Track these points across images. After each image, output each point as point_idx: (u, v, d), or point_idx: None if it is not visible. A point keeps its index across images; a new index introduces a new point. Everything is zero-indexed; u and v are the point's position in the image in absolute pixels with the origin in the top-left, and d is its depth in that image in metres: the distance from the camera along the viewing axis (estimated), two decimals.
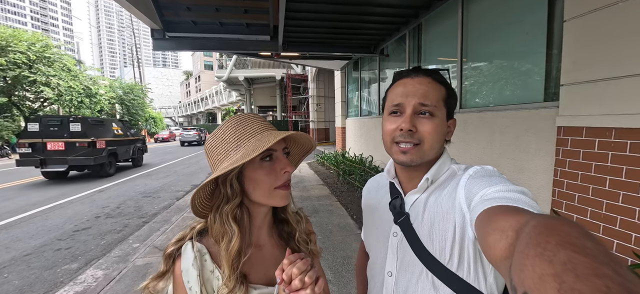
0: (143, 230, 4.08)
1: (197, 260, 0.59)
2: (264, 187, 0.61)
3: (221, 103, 42.67)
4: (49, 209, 5.27)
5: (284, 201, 0.63)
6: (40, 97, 18.10)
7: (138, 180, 8.12)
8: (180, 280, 0.59)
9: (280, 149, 0.63)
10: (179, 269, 0.59)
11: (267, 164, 0.61)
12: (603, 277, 0.20)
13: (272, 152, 0.61)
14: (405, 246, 0.65)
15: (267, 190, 0.61)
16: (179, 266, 0.60)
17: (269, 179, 0.60)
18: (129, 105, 26.94)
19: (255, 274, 0.64)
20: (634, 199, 1.77)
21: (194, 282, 0.58)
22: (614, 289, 0.19)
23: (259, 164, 0.60)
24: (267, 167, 0.61)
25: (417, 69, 0.66)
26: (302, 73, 18.75)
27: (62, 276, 2.96)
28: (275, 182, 0.61)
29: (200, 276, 0.58)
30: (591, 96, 1.99)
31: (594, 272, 0.21)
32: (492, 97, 3.37)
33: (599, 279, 0.20)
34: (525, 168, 2.68)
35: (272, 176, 0.61)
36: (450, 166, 0.66)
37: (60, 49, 18.95)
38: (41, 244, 3.75)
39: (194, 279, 0.58)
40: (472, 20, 3.62)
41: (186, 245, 0.61)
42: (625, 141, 1.80)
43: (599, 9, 1.92)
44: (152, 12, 4.21)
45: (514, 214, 0.39)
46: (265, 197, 0.62)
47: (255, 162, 0.60)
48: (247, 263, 0.63)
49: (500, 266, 0.35)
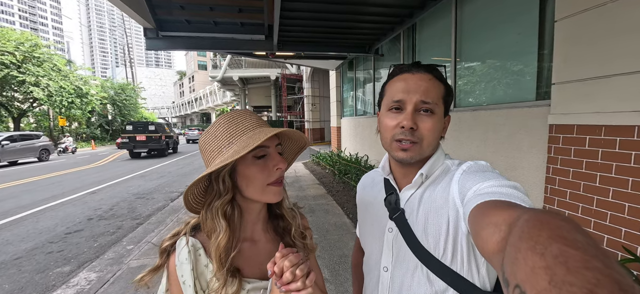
0: (137, 232, 4.03)
1: (191, 255, 0.60)
2: (257, 184, 0.61)
3: (215, 103, 42.35)
4: (39, 212, 5.18)
5: (276, 197, 0.63)
6: (30, 97, 17.75)
7: (131, 181, 8.01)
8: (174, 274, 0.60)
9: (273, 146, 0.63)
10: (173, 263, 0.60)
11: (260, 161, 0.61)
12: (593, 269, 0.21)
13: (265, 149, 0.62)
14: (400, 241, 0.66)
15: (259, 187, 0.61)
16: (173, 260, 0.61)
17: (262, 176, 0.61)
18: (121, 105, 26.56)
19: (249, 269, 0.64)
20: (623, 194, 1.81)
21: (188, 276, 0.59)
22: (603, 281, 0.20)
23: (252, 161, 0.61)
24: (260, 164, 0.61)
25: (417, 65, 0.65)
26: (297, 73, 18.70)
27: (54, 279, 2.90)
28: (267, 179, 0.61)
29: (193, 271, 0.59)
30: (581, 94, 2.03)
31: (584, 265, 0.21)
32: (485, 96, 3.41)
33: (589, 271, 0.21)
34: (518, 166, 2.72)
35: (265, 172, 0.61)
36: (444, 162, 0.67)
37: (50, 49, 18.59)
38: (32, 247, 3.68)
39: (188, 273, 0.59)
40: (465, 20, 3.66)
41: (180, 240, 0.62)
42: (614, 138, 1.84)
43: (589, 9, 1.96)
44: (145, 11, 4.16)
45: (506, 208, 0.39)
46: (258, 194, 0.62)
47: (247, 159, 0.61)
48: (242, 258, 0.64)
49: (493, 259, 0.36)
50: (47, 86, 16.75)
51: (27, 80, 15.83)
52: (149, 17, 4.27)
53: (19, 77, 15.51)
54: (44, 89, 16.71)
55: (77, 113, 19.69)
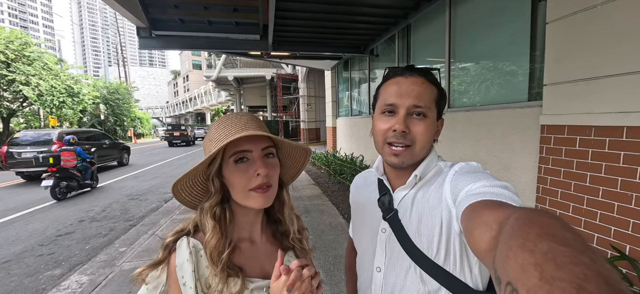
0: (130, 233, 3.98)
1: (193, 256, 0.60)
2: (238, 189, 0.61)
3: (210, 103, 42.00)
4: (29, 214, 5.08)
5: (259, 204, 0.61)
6: (19, 97, 17.40)
7: (124, 182, 7.91)
8: (174, 275, 0.59)
9: (257, 151, 0.61)
10: (173, 264, 0.60)
11: (241, 165, 0.61)
12: (581, 265, 0.21)
13: (245, 154, 0.61)
14: (393, 242, 0.66)
15: (241, 192, 0.61)
16: (174, 261, 0.60)
17: (242, 181, 0.60)
18: (114, 105, 26.20)
19: (251, 268, 0.65)
20: (612, 194, 1.85)
21: (189, 277, 0.58)
22: (591, 275, 0.20)
23: (234, 166, 0.60)
24: (241, 168, 0.60)
25: (410, 68, 0.65)
26: (292, 73, 18.64)
27: (44, 282, 2.85)
28: (248, 184, 0.60)
29: (195, 272, 0.59)
30: (572, 95, 2.07)
31: (572, 260, 0.22)
32: (478, 97, 3.45)
33: (577, 266, 0.21)
34: (511, 166, 2.76)
35: (245, 177, 0.60)
36: (437, 163, 0.68)
37: (41, 47, 18.27)
38: (22, 250, 3.60)
39: (189, 274, 0.58)
40: (459, 22, 3.69)
41: (182, 240, 0.62)
42: (604, 139, 1.87)
43: (579, 12, 2.00)
44: (138, 10, 4.11)
45: (497, 208, 0.40)
46: (242, 199, 0.62)
47: (230, 163, 0.61)
48: (243, 257, 0.65)
49: (485, 258, 0.36)
50: (38, 85, 16.43)
51: (17, 79, 15.52)
52: (142, 16, 4.22)
53: (8, 76, 15.18)
54: (34, 88, 16.39)
55: (69, 113, 19.36)
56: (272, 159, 0.64)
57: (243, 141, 0.60)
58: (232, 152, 0.60)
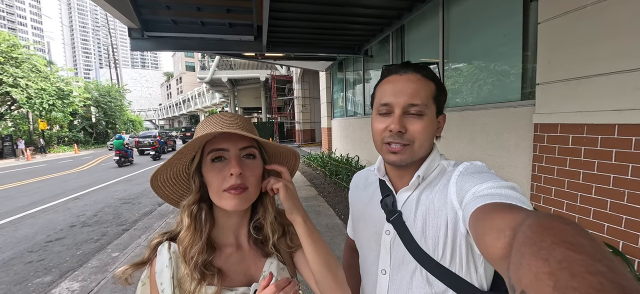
0: (122, 238, 3.91)
1: (172, 261, 0.58)
2: (213, 188, 0.60)
3: (204, 105, 41.67)
4: (18, 220, 4.95)
5: (231, 206, 0.59)
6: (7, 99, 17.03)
7: (117, 186, 7.78)
8: (154, 281, 0.58)
9: (235, 150, 0.60)
10: (153, 271, 0.59)
11: (217, 164, 0.60)
12: (597, 274, 0.20)
13: (221, 152, 0.59)
14: (398, 244, 0.65)
15: (215, 191, 0.60)
16: (154, 268, 0.59)
17: (216, 180, 0.59)
18: (106, 107, 25.82)
19: (235, 274, 0.63)
20: (605, 191, 1.87)
21: (167, 284, 0.57)
22: (608, 285, 0.20)
23: (211, 164, 0.60)
24: (216, 167, 0.60)
25: (406, 65, 0.64)
26: (287, 74, 18.62)
27: (33, 289, 2.78)
28: (222, 185, 0.59)
29: (173, 278, 0.57)
30: (565, 94, 2.09)
31: (588, 269, 0.21)
32: (472, 97, 3.48)
33: (593, 276, 0.20)
34: (505, 164, 2.78)
35: (219, 177, 0.59)
36: (440, 162, 0.66)
37: (29, 49, 17.92)
38: (10, 257, 3.51)
39: (167, 281, 0.57)
40: (452, 22, 3.72)
41: (162, 246, 0.60)
42: (596, 137, 1.90)
43: (571, 12, 2.03)
44: (130, 11, 4.05)
45: (508, 212, 0.39)
46: (217, 199, 0.60)
47: (207, 161, 0.60)
48: (227, 263, 0.63)
49: (499, 265, 0.36)
50: (27, 87, 16.10)
51: (5, 81, 15.18)
52: (134, 17, 4.16)
53: None
54: (23, 91, 16.05)
55: (59, 116, 19.01)
56: (251, 160, 0.62)
57: (220, 139, 0.59)
58: (209, 150, 0.60)
